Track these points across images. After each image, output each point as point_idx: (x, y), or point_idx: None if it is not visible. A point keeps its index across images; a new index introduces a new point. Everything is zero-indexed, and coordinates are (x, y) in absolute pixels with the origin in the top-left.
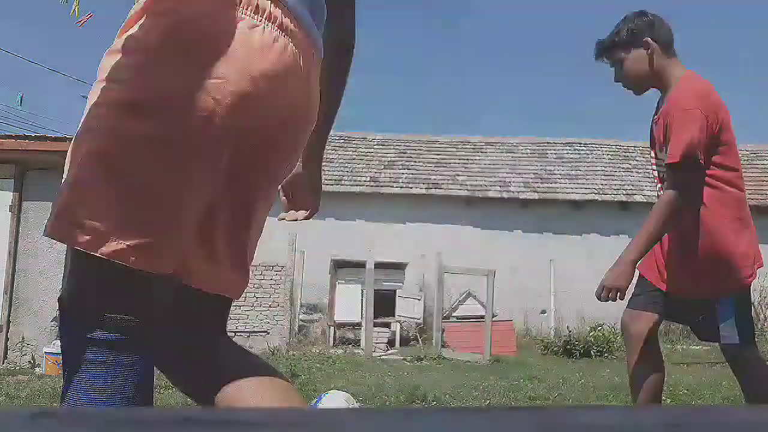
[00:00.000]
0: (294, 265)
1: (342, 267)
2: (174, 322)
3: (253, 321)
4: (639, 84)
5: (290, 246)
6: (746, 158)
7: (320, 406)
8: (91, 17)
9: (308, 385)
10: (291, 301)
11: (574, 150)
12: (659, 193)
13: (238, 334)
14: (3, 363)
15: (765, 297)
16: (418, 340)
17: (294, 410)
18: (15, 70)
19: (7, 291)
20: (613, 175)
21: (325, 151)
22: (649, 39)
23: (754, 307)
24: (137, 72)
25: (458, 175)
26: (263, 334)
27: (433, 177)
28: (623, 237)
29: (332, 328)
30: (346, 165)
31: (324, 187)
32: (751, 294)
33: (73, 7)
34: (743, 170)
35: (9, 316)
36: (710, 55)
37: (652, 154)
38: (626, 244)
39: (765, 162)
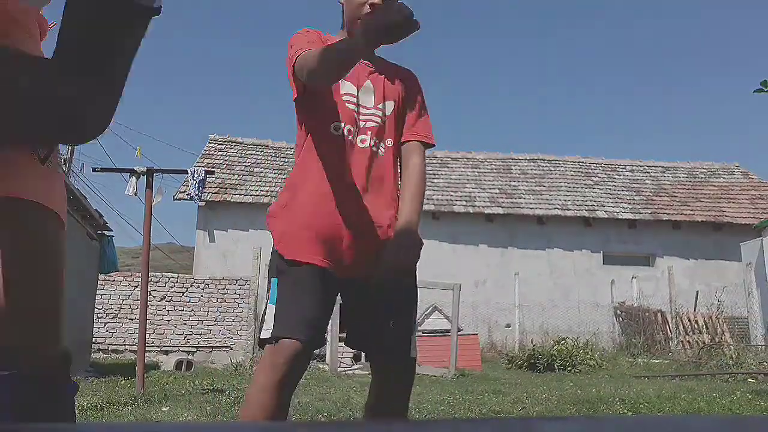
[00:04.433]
0: (259, 278)
1: None
2: None
3: (215, 336)
4: None
5: (255, 259)
6: (703, 176)
7: None
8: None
9: None
10: (255, 316)
11: (538, 166)
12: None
13: (201, 349)
14: None
15: None
16: None
17: (264, 424)
18: None
19: None
20: (576, 191)
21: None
22: None
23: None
24: None
25: None
26: (226, 349)
27: None
28: (585, 252)
29: None
30: None
31: None
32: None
33: None
34: (700, 188)
35: None
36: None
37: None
38: (588, 259)
39: (720, 180)
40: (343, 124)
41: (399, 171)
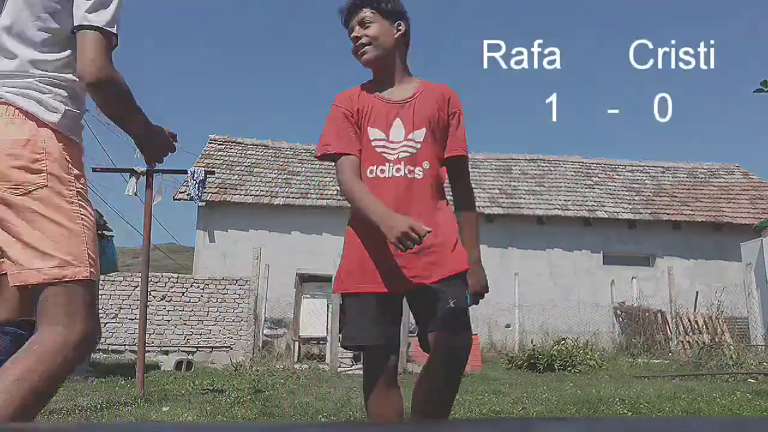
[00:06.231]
0: (259, 278)
1: (307, 281)
2: None
3: (215, 336)
4: (384, 56)
5: (255, 259)
6: (702, 176)
7: None
8: None
9: (272, 401)
10: (255, 316)
11: (538, 166)
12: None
13: (201, 349)
14: None
15: None
16: None
17: (264, 424)
18: None
19: None
20: (576, 191)
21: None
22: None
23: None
24: None
25: None
26: (226, 349)
27: None
28: (585, 252)
29: (297, 343)
30: (313, 178)
31: (290, 201)
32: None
33: None
34: (700, 189)
35: None
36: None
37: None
38: (588, 259)
39: (720, 180)
40: (375, 167)
41: (443, 183)
